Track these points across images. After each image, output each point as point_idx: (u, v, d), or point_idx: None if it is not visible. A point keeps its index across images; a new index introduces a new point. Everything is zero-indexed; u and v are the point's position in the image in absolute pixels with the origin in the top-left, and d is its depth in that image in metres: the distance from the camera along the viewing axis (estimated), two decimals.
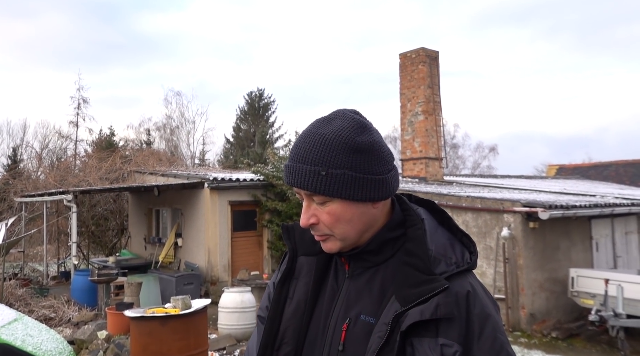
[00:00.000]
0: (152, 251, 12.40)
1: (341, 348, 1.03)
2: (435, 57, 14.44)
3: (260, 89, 32.09)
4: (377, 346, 0.95)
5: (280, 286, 1.14)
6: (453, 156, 35.98)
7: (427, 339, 0.95)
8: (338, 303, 1.08)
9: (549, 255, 8.66)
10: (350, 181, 1.01)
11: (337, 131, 1.02)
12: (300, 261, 1.16)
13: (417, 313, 0.94)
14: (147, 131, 29.32)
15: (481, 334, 0.96)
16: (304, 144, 1.04)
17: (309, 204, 1.05)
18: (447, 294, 0.95)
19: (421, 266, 1.00)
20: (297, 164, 1.03)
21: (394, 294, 1.00)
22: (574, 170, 29.76)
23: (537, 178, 20.25)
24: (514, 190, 11.95)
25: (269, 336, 1.11)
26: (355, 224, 1.04)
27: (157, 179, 12.93)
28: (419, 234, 1.05)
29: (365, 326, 1.02)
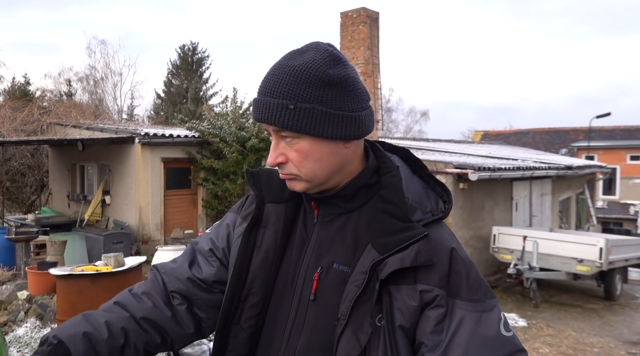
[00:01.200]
0: (76, 209, 11.70)
1: (312, 298, 0.99)
2: (376, 18, 14.36)
3: (194, 42, 30.55)
4: (354, 295, 0.92)
5: (248, 234, 1.08)
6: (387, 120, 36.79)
7: (405, 286, 0.93)
8: (308, 251, 1.03)
9: (475, 214, 9.21)
10: (320, 116, 0.94)
11: (308, 62, 0.95)
12: (268, 208, 1.10)
13: (397, 261, 0.91)
14: (68, 82, 27.06)
15: (468, 277, 0.95)
16: (273, 77, 0.96)
17: (277, 141, 0.98)
18: (426, 241, 0.92)
19: (398, 213, 0.97)
20: (265, 98, 0.96)
21: (370, 242, 0.96)
22: (497, 136, 31.62)
23: (465, 143, 21.27)
24: (445, 153, 12.46)
25: (236, 286, 1.05)
26: (324, 163, 0.98)
27: (81, 132, 12.06)
28: (395, 182, 1.01)
29: (338, 276, 0.98)
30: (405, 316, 0.92)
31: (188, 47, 30.04)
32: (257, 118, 0.98)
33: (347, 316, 0.91)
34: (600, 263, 7.84)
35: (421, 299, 0.93)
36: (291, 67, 0.95)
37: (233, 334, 1.04)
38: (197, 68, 30.05)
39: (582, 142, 26.00)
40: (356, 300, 0.91)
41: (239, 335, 1.04)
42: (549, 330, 6.85)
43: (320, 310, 0.98)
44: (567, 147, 27.46)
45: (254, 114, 0.99)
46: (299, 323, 0.99)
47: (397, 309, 0.93)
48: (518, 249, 8.28)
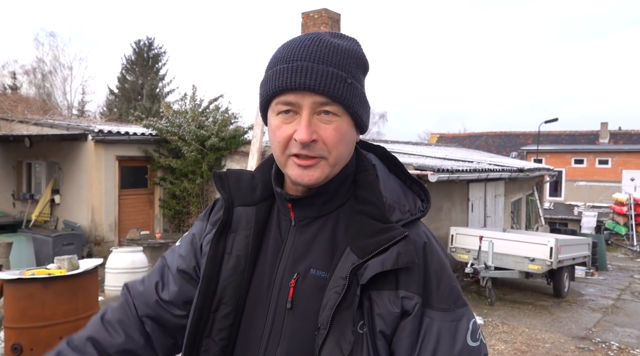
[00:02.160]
0: (22, 208, 11.07)
1: (289, 306, 0.92)
2: (337, 20, 14.44)
3: (150, 38, 29.75)
4: (334, 302, 0.87)
5: (217, 240, 1.00)
6: None
7: (386, 292, 0.89)
8: (284, 257, 0.97)
9: (433, 215, 9.42)
10: (363, 99, 0.93)
11: (352, 45, 0.93)
12: (237, 212, 1.02)
13: (378, 264, 0.87)
14: (13, 75, 25.64)
15: (439, 284, 0.92)
16: (321, 48, 0.89)
17: (310, 117, 0.89)
18: (407, 242, 0.89)
19: (377, 214, 0.92)
20: (317, 64, 0.87)
21: (349, 245, 0.91)
22: (452, 139, 32.58)
23: (422, 145, 21.75)
24: (404, 154, 12.69)
25: (206, 296, 0.97)
26: (349, 150, 0.95)
27: (28, 128, 11.43)
28: (371, 180, 0.97)
29: (316, 282, 0.93)
30: (387, 322, 0.89)
31: (144, 43, 29.16)
32: (305, 84, 0.87)
33: (328, 325, 0.87)
34: (551, 261, 8.20)
35: (402, 305, 0.89)
36: (338, 45, 0.91)
37: (204, 348, 0.96)
38: (153, 64, 29.20)
39: (531, 146, 27.21)
40: (337, 307, 0.87)
41: (210, 348, 0.96)
42: (503, 327, 7.10)
43: (298, 318, 0.92)
44: (517, 150, 28.67)
45: (296, 79, 0.87)
46: (275, 333, 0.93)
47: (378, 315, 0.89)
48: (475, 249, 8.53)
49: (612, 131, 27.97)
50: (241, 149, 10.50)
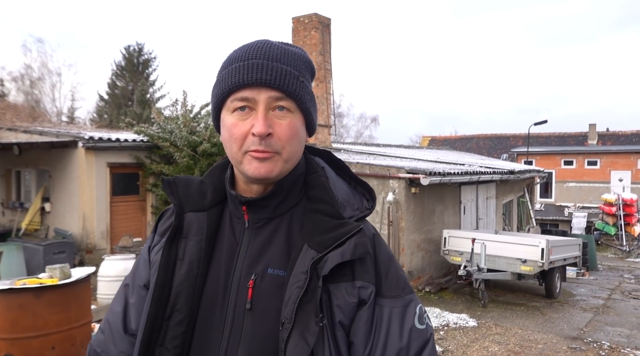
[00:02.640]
0: (12, 217, 10.95)
1: (249, 306, 0.94)
2: (328, 24, 14.52)
3: (140, 43, 29.70)
4: (297, 296, 0.90)
5: (168, 247, 1.00)
6: (338, 125, 37.18)
7: (344, 283, 0.94)
8: (239, 259, 0.98)
9: (426, 218, 9.46)
10: (312, 99, 0.99)
11: (300, 50, 1.00)
12: (188, 218, 1.03)
13: (338, 256, 0.91)
14: (0, 81, 25.39)
15: (388, 274, 0.98)
16: (275, 50, 0.95)
17: (266, 112, 0.93)
18: (362, 234, 0.94)
19: (331, 211, 0.97)
20: (273, 62, 0.93)
21: (306, 242, 0.95)
22: (443, 141, 32.76)
23: (414, 148, 21.85)
24: (396, 158, 12.74)
25: (159, 304, 0.97)
26: (301, 147, 0.99)
27: (17, 135, 11.32)
28: (323, 181, 1.02)
29: (274, 280, 0.95)
30: (345, 312, 0.93)
31: (134, 48, 29.05)
32: (261, 79, 0.91)
33: (293, 319, 0.89)
34: (542, 262, 8.27)
35: (359, 295, 0.94)
36: (287, 49, 0.97)
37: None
38: (143, 70, 29.09)
39: (522, 148, 27.46)
40: (299, 301, 0.90)
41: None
42: (497, 328, 7.14)
43: (258, 317, 0.94)
44: (508, 152, 28.90)
45: (254, 74, 0.92)
46: (235, 334, 0.94)
47: (337, 306, 0.93)
48: (467, 252, 8.58)
49: (600, 133, 28.31)
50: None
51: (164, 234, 1.06)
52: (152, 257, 1.07)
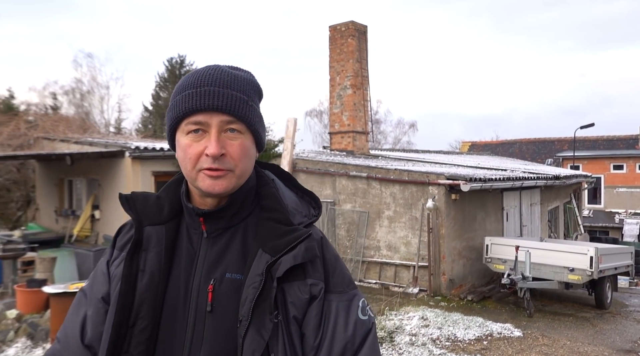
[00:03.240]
0: (65, 224, 11.51)
1: (209, 309, 1.02)
2: (364, 32, 14.56)
3: (182, 55, 30.52)
4: (253, 296, 0.99)
5: (130, 259, 1.06)
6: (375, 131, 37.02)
7: (296, 282, 1.03)
8: (198, 266, 1.06)
9: (467, 225, 9.27)
10: (260, 120, 1.08)
11: (249, 76, 1.08)
12: (147, 231, 1.09)
13: (291, 259, 1.01)
14: (53, 95, 26.76)
15: (334, 271, 1.10)
16: (225, 76, 1.03)
17: (219, 134, 1.02)
18: (310, 239, 1.05)
19: (282, 218, 1.07)
20: (224, 89, 1.01)
21: (260, 247, 1.04)
22: (484, 147, 32.00)
23: (454, 154, 21.48)
24: (435, 164, 12.57)
25: (123, 312, 1.03)
26: (251, 164, 1.08)
27: (69, 146, 11.91)
28: (273, 192, 1.11)
29: (232, 284, 1.04)
30: (298, 308, 1.03)
31: (176, 60, 30.02)
32: (214, 105, 1.00)
33: (249, 316, 0.98)
34: (591, 271, 7.92)
35: (311, 291, 1.05)
36: (236, 75, 1.05)
37: None
38: None
39: (567, 152, 26.43)
40: (256, 300, 0.98)
41: None
42: (544, 339, 6.88)
43: (218, 318, 1.02)
44: (552, 157, 27.89)
45: (205, 101, 1.00)
46: (197, 335, 1.01)
47: (291, 303, 1.02)
48: (511, 259, 8.33)
49: None
50: (272, 162, 10.65)
51: (122, 248, 1.12)
52: (111, 271, 1.11)
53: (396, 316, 6.84)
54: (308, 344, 1.04)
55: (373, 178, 9.36)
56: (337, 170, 9.81)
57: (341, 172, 9.75)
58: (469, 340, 6.38)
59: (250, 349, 0.97)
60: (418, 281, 8.73)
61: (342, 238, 9.58)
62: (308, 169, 10.22)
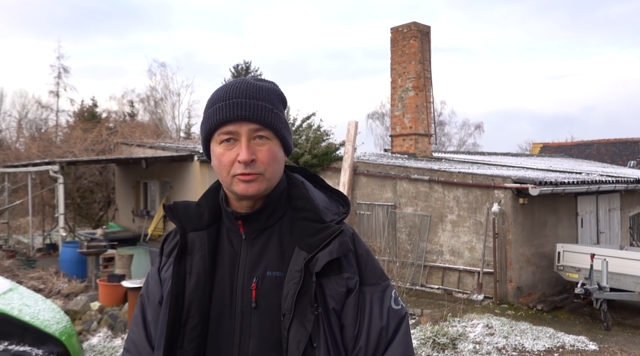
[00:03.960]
0: (140, 223, 12.30)
1: (254, 305, 1.10)
2: (427, 32, 14.32)
3: (247, 62, 31.53)
4: (294, 291, 1.07)
5: (178, 263, 1.16)
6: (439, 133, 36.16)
7: (333, 276, 1.11)
8: (240, 266, 1.14)
9: (536, 230, 8.83)
10: (286, 125, 1.16)
11: (272, 85, 1.16)
12: (191, 237, 1.18)
13: (327, 254, 1.09)
14: (131, 103, 28.70)
15: (367, 265, 1.18)
16: (249, 88, 1.12)
17: (248, 141, 1.10)
18: (343, 235, 1.13)
19: (315, 217, 1.15)
20: (250, 100, 1.10)
21: (297, 246, 1.12)
22: (557, 148, 30.24)
23: (523, 156, 20.51)
24: (502, 167, 12.09)
25: (175, 312, 1.12)
26: (281, 168, 1.16)
27: (144, 151, 12.74)
28: (304, 193, 1.19)
29: (273, 281, 1.12)
30: (336, 300, 1.11)
31: (241, 67, 31.08)
32: (242, 116, 1.08)
33: (292, 310, 1.06)
34: None
35: (347, 284, 1.13)
36: (260, 86, 1.13)
37: None
38: None
39: None
40: (297, 295, 1.06)
41: None
42: (622, 354, 6.41)
43: (263, 313, 1.10)
44: (636, 159, 25.78)
45: (234, 112, 1.08)
46: (245, 330, 1.10)
47: (329, 296, 1.11)
48: (585, 268, 7.83)
49: None
50: (333, 165, 10.75)
51: (169, 255, 1.22)
52: (162, 276, 1.22)
53: (459, 323, 6.66)
54: (348, 334, 1.13)
55: (435, 181, 9.18)
56: (398, 173, 9.72)
57: (402, 175, 9.64)
58: (538, 351, 6.08)
59: (295, 340, 1.05)
60: (483, 287, 8.44)
61: (402, 242, 9.47)
62: (369, 172, 10.21)
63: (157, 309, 1.21)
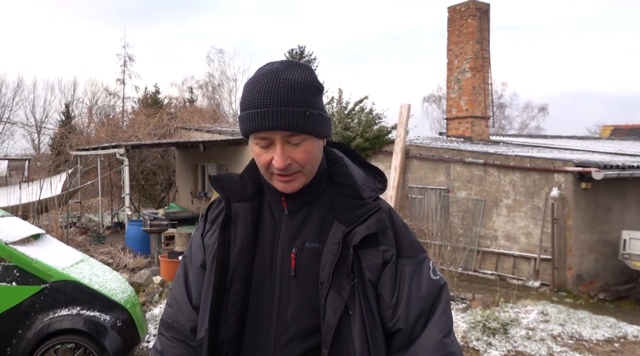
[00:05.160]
0: (198, 204, 12.86)
1: (293, 274, 1.17)
2: (486, 10, 13.72)
3: (301, 46, 31.64)
4: (332, 262, 1.12)
5: (222, 232, 1.22)
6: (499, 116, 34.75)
7: (370, 249, 1.17)
8: (281, 237, 1.21)
9: (600, 216, 8.38)
10: (321, 119, 1.16)
11: (305, 76, 1.14)
12: (235, 207, 1.24)
13: (365, 229, 1.15)
14: (190, 89, 29.77)
15: (404, 238, 1.23)
16: (278, 90, 1.10)
17: (282, 146, 1.12)
18: (380, 212, 1.18)
19: (354, 193, 1.20)
20: (281, 108, 1.09)
21: (335, 219, 1.17)
22: (630, 131, 28.15)
23: (590, 139, 19.35)
24: (565, 150, 11.50)
25: (221, 277, 1.19)
26: (318, 159, 1.20)
27: (202, 135, 13.23)
28: (344, 169, 1.23)
29: (311, 252, 1.18)
30: (372, 271, 1.17)
31: (296, 51, 31.24)
32: (274, 126, 1.09)
33: (330, 279, 1.12)
34: None
35: (383, 257, 1.18)
36: (292, 81, 1.11)
37: (223, 319, 1.18)
38: None
39: None
40: (335, 265, 1.12)
41: (228, 319, 1.18)
42: None
43: (301, 282, 1.17)
44: None
45: (266, 123, 1.09)
46: (284, 297, 1.17)
47: (366, 267, 1.16)
48: None
49: None
50: (385, 149, 10.67)
51: (213, 222, 1.29)
52: (205, 242, 1.29)
53: (512, 309, 6.50)
54: (385, 303, 1.19)
55: (490, 165, 8.90)
56: (452, 156, 9.51)
57: (456, 158, 9.42)
58: (597, 341, 5.84)
59: (332, 307, 1.11)
60: (540, 274, 8.15)
61: (455, 226, 9.30)
62: (421, 156, 10.06)
63: (199, 271, 1.29)
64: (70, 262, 4.54)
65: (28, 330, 4.00)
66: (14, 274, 4.11)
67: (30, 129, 33.64)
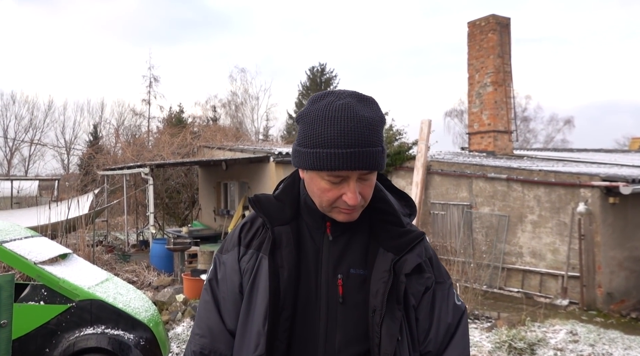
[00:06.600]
0: (221, 222, 12.99)
1: (341, 301, 1.17)
2: (507, 24, 13.67)
3: (322, 63, 32.08)
4: (385, 289, 1.14)
5: (272, 257, 1.19)
6: (524, 130, 34.25)
7: (415, 276, 1.19)
8: (323, 262, 1.20)
9: (630, 233, 8.13)
10: (385, 154, 1.18)
11: (377, 111, 1.14)
12: (277, 231, 1.21)
13: (416, 257, 1.18)
14: (213, 108, 30.38)
15: (438, 265, 1.28)
16: (360, 129, 1.08)
17: (356, 185, 1.12)
18: (425, 239, 1.24)
19: (397, 221, 1.22)
20: (364, 148, 1.08)
21: (381, 246, 1.19)
22: None
23: (619, 152, 18.86)
24: (591, 164, 11.24)
25: (275, 306, 1.16)
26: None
27: (224, 153, 13.42)
28: (384, 196, 1.25)
29: (357, 278, 1.19)
30: (416, 297, 1.20)
31: (317, 69, 31.67)
32: (357, 167, 1.08)
33: (383, 307, 1.13)
34: None
35: (426, 283, 1.22)
36: (369, 119, 1.10)
37: (276, 349, 1.16)
38: (325, 88, 31.44)
39: None
40: (388, 293, 1.13)
41: (279, 347, 1.16)
42: None
43: (349, 309, 1.17)
44: None
45: (348, 164, 1.07)
46: (332, 323, 1.16)
47: (411, 294, 1.19)
48: None
49: None
50: (406, 165, 10.63)
51: (248, 245, 1.24)
52: (242, 266, 1.24)
53: (539, 328, 6.32)
54: (420, 327, 1.23)
55: (514, 180, 8.76)
56: (474, 172, 9.40)
57: (478, 173, 9.32)
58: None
59: (389, 334, 1.13)
60: (568, 292, 7.91)
61: (479, 243, 9.14)
62: (443, 171, 9.98)
63: (237, 297, 1.24)
64: (96, 281, 4.63)
65: (55, 348, 4.09)
66: (42, 294, 4.22)
67: (60, 150, 34.78)
